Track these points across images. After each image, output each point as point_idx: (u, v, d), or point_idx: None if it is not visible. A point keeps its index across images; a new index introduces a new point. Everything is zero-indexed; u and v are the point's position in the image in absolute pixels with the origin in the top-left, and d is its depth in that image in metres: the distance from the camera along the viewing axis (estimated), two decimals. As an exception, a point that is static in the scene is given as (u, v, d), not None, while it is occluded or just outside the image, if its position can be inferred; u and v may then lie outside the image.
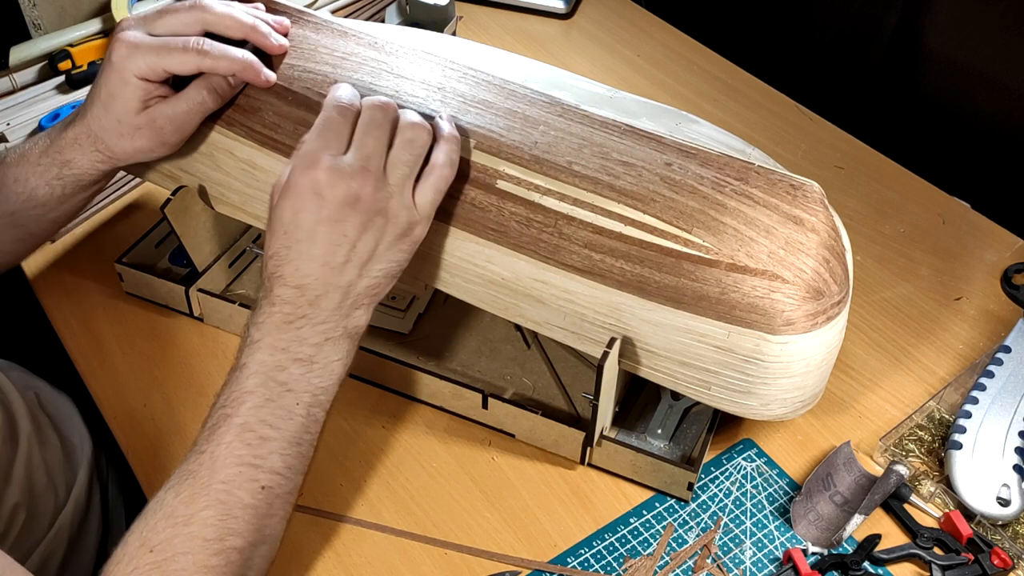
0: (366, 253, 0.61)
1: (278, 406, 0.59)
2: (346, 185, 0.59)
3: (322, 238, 0.60)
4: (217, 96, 0.69)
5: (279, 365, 0.60)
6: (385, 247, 0.62)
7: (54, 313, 0.84)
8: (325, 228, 0.60)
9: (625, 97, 0.77)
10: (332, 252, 0.60)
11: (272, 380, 0.59)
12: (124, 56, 0.66)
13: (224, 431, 0.58)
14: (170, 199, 0.75)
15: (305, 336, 0.60)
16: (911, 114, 1.10)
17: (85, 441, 0.83)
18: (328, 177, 0.59)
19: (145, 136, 0.69)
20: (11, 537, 0.71)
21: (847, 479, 0.71)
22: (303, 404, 0.60)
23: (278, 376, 0.60)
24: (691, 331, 0.64)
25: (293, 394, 0.60)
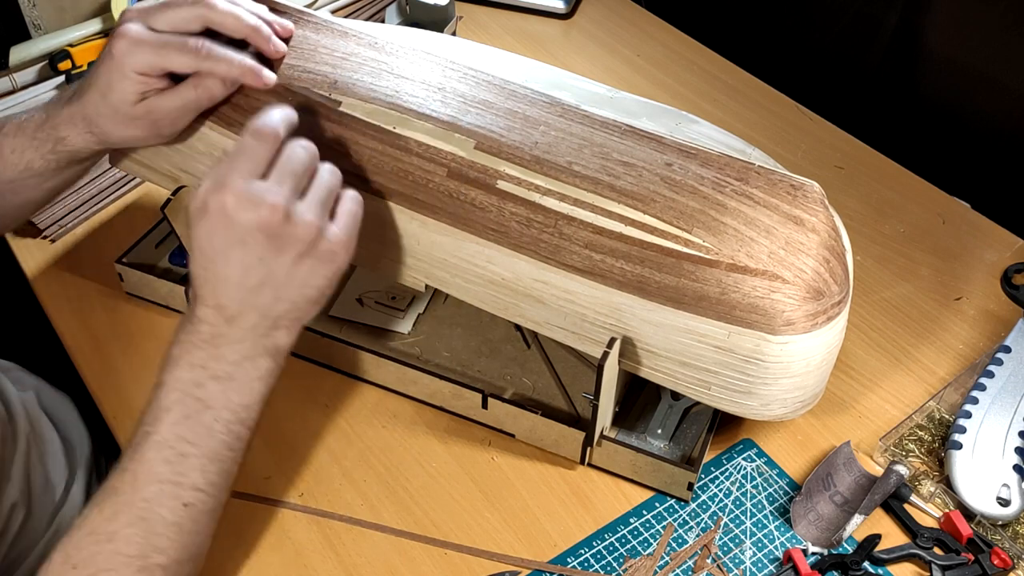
0: (282, 276, 0.60)
1: (196, 423, 0.59)
2: (256, 210, 0.58)
3: (235, 260, 0.59)
4: (212, 94, 0.69)
5: (197, 382, 0.59)
6: (304, 273, 0.61)
7: (54, 313, 0.84)
8: (237, 251, 0.59)
9: (625, 97, 0.77)
10: (246, 274, 0.59)
11: (190, 396, 0.59)
12: (124, 52, 0.66)
13: (145, 448, 0.59)
14: (170, 199, 0.75)
15: (224, 354, 0.60)
16: (911, 114, 1.10)
17: (84, 441, 0.83)
18: (237, 201, 0.58)
19: (140, 126, 0.69)
20: (10, 535, 0.71)
21: (847, 479, 0.71)
22: (222, 421, 0.60)
23: (196, 392, 0.59)
24: (691, 331, 0.64)
25: (212, 411, 0.60)
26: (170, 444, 0.59)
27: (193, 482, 0.59)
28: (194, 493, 0.59)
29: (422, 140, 0.68)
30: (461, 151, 0.67)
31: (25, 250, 0.89)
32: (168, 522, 0.58)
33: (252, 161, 0.59)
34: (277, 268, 0.60)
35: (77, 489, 0.79)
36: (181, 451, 0.59)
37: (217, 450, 0.60)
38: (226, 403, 0.60)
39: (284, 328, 0.62)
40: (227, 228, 0.58)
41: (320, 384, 0.78)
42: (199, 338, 0.60)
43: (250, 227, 0.58)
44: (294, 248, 0.59)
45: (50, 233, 0.89)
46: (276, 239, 0.59)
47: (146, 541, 0.57)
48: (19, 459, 0.74)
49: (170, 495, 0.58)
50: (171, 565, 0.58)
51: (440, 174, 0.67)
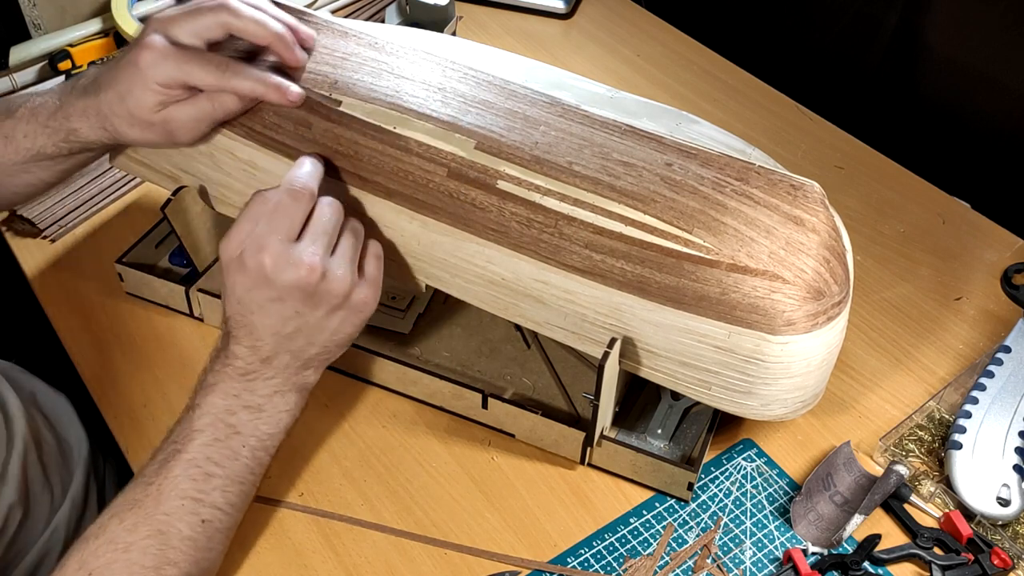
0: (315, 326, 0.64)
1: (225, 446, 0.63)
2: (296, 272, 0.61)
3: (273, 313, 0.63)
4: (229, 108, 0.69)
5: (230, 409, 0.64)
6: (336, 322, 0.65)
7: (54, 313, 0.84)
8: (276, 307, 0.63)
9: (625, 97, 0.77)
10: (283, 324, 0.63)
11: (222, 422, 0.63)
12: (149, 64, 0.66)
13: (172, 465, 0.62)
14: (170, 199, 0.75)
15: (256, 388, 0.64)
16: (911, 114, 1.10)
17: (82, 441, 0.83)
18: (276, 263, 0.61)
19: (155, 133, 0.70)
20: (7, 536, 0.71)
21: (847, 479, 0.71)
22: (249, 447, 0.64)
23: (228, 419, 0.63)
24: (692, 331, 0.64)
25: (240, 436, 0.64)
26: (197, 463, 0.62)
27: (213, 501, 0.62)
28: (213, 511, 0.62)
29: (422, 140, 0.68)
30: (461, 151, 0.67)
31: (25, 250, 0.89)
32: (184, 536, 0.61)
33: (289, 221, 0.62)
34: (312, 320, 0.64)
35: (75, 490, 0.79)
36: (207, 471, 0.62)
37: (240, 473, 0.64)
38: (254, 431, 0.64)
39: (313, 368, 0.67)
40: (266, 286, 0.62)
41: (320, 384, 0.77)
42: (234, 371, 0.64)
43: (288, 286, 0.62)
44: (328, 303, 0.63)
45: (50, 233, 0.89)
46: (312, 296, 0.63)
47: (161, 554, 0.59)
48: (16, 459, 0.74)
49: (190, 511, 0.61)
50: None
51: (440, 174, 0.67)
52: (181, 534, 0.60)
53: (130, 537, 0.59)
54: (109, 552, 0.58)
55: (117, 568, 0.58)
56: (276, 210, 0.62)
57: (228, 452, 0.63)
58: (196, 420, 0.63)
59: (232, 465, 0.63)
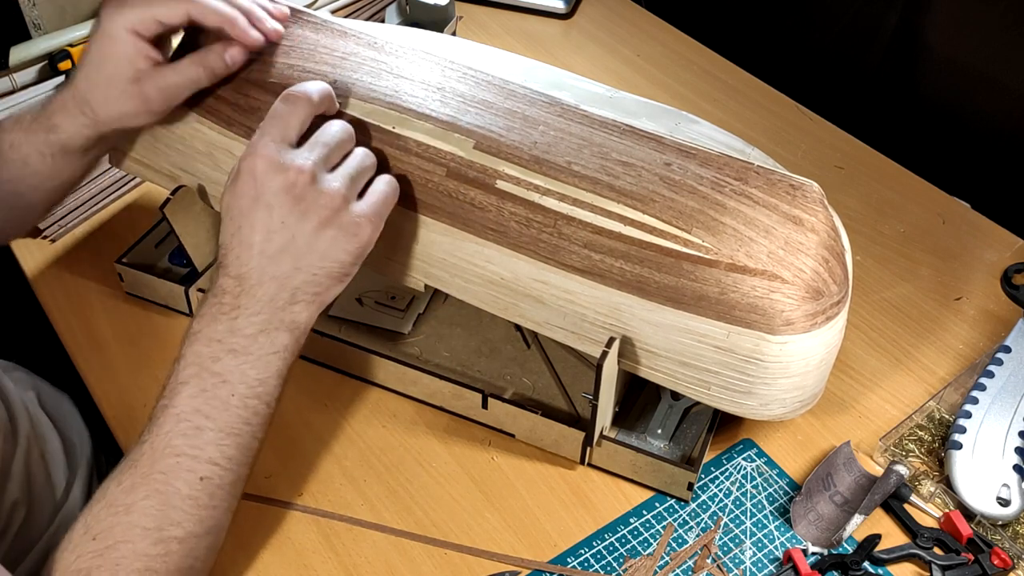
0: (302, 243, 0.60)
1: (212, 396, 0.60)
2: (284, 172, 0.59)
3: (259, 223, 0.60)
4: (212, 73, 0.69)
5: (214, 356, 0.60)
6: (325, 243, 0.61)
7: (54, 313, 0.84)
8: (261, 213, 0.60)
9: (625, 97, 0.77)
10: (268, 239, 0.60)
11: (206, 371, 0.60)
12: (113, 11, 0.66)
13: (162, 421, 0.59)
14: (170, 199, 0.75)
15: (240, 327, 0.61)
16: (911, 114, 1.10)
17: (85, 440, 0.83)
18: (265, 163, 0.59)
19: (132, 101, 0.69)
20: (11, 533, 0.71)
21: (847, 479, 0.71)
22: (238, 395, 0.60)
23: (212, 367, 0.60)
24: (691, 331, 0.64)
25: (228, 385, 0.60)
26: (186, 417, 0.59)
27: (209, 456, 0.59)
28: (210, 467, 0.59)
29: (421, 140, 0.68)
30: (460, 151, 0.67)
31: (25, 250, 0.89)
32: (184, 495, 0.58)
33: (282, 124, 0.60)
34: (299, 234, 0.60)
35: (78, 488, 0.79)
36: (197, 424, 0.59)
37: (233, 424, 0.60)
38: (242, 377, 0.60)
39: (302, 302, 0.62)
40: (254, 190, 0.60)
41: (320, 384, 0.78)
42: (219, 310, 0.61)
43: (275, 189, 0.59)
44: (316, 214, 0.60)
45: (50, 233, 0.90)
46: (300, 202, 0.59)
47: (162, 514, 0.58)
48: (20, 457, 0.74)
49: (186, 468, 0.59)
50: (187, 538, 0.59)
51: (439, 174, 0.67)
52: (180, 493, 0.58)
53: (128, 498, 0.58)
54: (110, 515, 0.57)
55: (119, 531, 0.57)
56: (272, 115, 0.61)
57: (217, 402, 0.60)
58: (181, 371, 0.60)
59: (223, 416, 0.60)
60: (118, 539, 0.57)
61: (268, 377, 0.62)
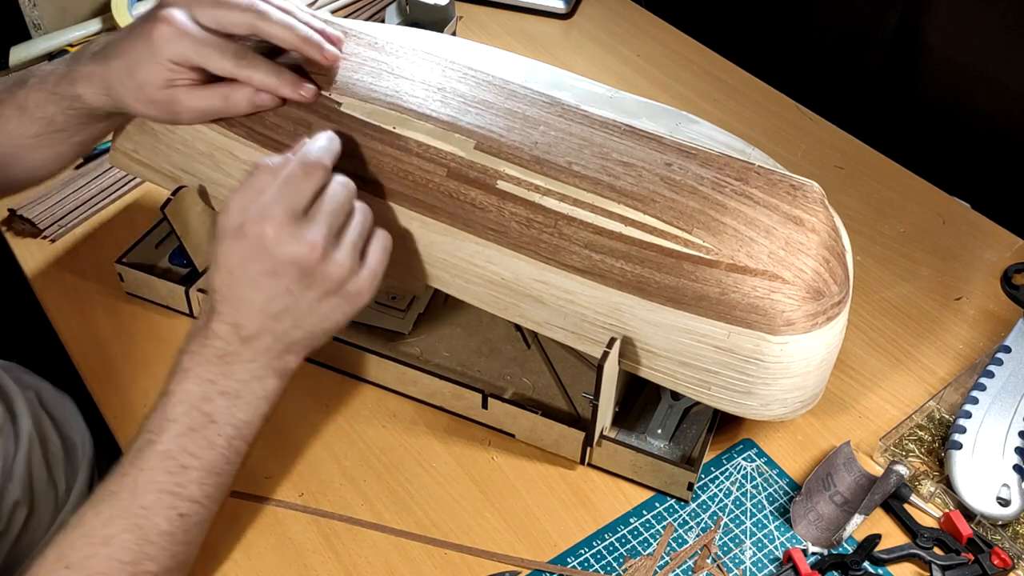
0: (305, 308, 0.61)
1: (200, 436, 0.61)
2: (297, 247, 0.59)
3: (263, 287, 0.60)
4: (239, 110, 0.68)
5: (205, 396, 0.61)
6: (327, 308, 0.62)
7: (54, 313, 0.84)
8: (269, 281, 0.60)
9: (625, 97, 0.77)
10: (271, 302, 0.60)
11: (196, 410, 0.60)
12: (164, 38, 0.65)
13: (147, 456, 0.60)
14: (170, 199, 0.75)
15: (234, 372, 0.61)
16: (911, 114, 1.10)
17: (86, 441, 0.83)
18: (279, 235, 0.59)
19: (158, 109, 0.68)
20: (12, 534, 0.71)
21: (847, 479, 0.71)
22: (224, 436, 0.61)
23: (203, 407, 0.61)
24: (691, 331, 0.64)
25: (216, 425, 0.61)
26: (173, 455, 0.60)
27: (191, 494, 0.60)
28: (190, 504, 0.61)
29: (422, 140, 0.68)
30: (461, 151, 0.67)
31: (25, 250, 0.89)
32: (162, 531, 0.59)
33: (299, 194, 0.59)
34: (303, 301, 0.61)
35: (79, 489, 0.79)
36: (183, 463, 0.60)
37: (217, 463, 0.61)
38: (230, 419, 0.61)
39: (295, 353, 0.63)
40: (262, 257, 0.59)
41: (320, 384, 0.78)
42: (212, 352, 0.61)
43: (286, 261, 0.59)
44: (323, 286, 0.61)
45: (50, 233, 0.89)
46: (308, 276, 0.60)
47: (140, 549, 0.58)
48: (22, 458, 0.74)
49: (167, 505, 0.60)
50: (160, 573, 0.60)
51: (440, 174, 0.67)
52: (159, 528, 0.59)
53: (107, 531, 0.58)
54: (87, 546, 0.57)
55: (95, 563, 0.57)
56: (286, 181, 0.59)
57: (204, 442, 0.61)
58: (170, 408, 0.60)
59: (208, 455, 0.61)
60: (94, 571, 0.57)
61: (254, 420, 0.63)
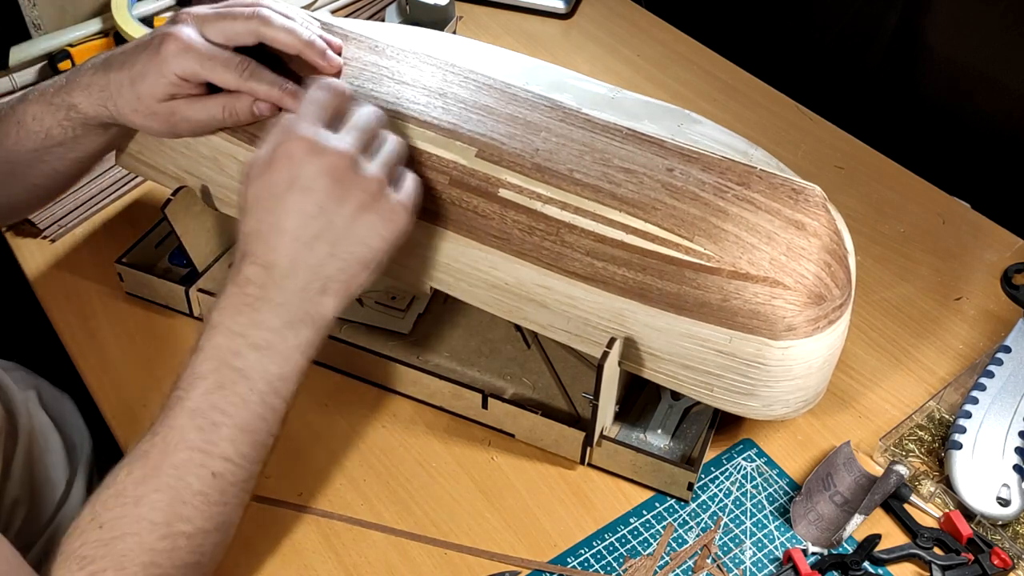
0: (340, 228, 0.59)
1: (231, 392, 0.58)
2: (324, 155, 0.58)
3: (295, 209, 0.58)
4: (239, 118, 0.69)
5: (235, 351, 0.59)
6: (364, 228, 0.60)
7: (54, 313, 0.84)
8: (298, 198, 0.58)
9: (627, 97, 0.76)
10: (303, 225, 0.58)
11: (226, 366, 0.58)
12: (172, 54, 0.65)
13: (176, 414, 0.58)
14: (170, 199, 0.75)
15: (265, 320, 0.59)
16: (911, 114, 1.10)
17: (85, 440, 0.83)
18: (304, 145, 0.58)
19: (157, 122, 0.69)
20: (11, 532, 0.71)
21: (847, 479, 0.71)
22: (257, 392, 0.59)
23: (233, 362, 0.58)
24: (693, 336, 0.64)
25: (248, 381, 0.59)
26: (203, 412, 0.58)
27: (223, 452, 0.58)
28: (224, 463, 0.58)
29: (424, 148, 0.68)
30: (463, 159, 0.67)
31: (25, 250, 0.89)
32: (195, 490, 0.57)
33: (319, 108, 0.59)
34: (336, 219, 0.59)
35: (78, 488, 0.79)
36: (213, 420, 0.58)
37: (250, 421, 0.59)
38: (263, 374, 0.59)
39: (332, 293, 0.60)
40: (291, 174, 0.58)
41: (320, 384, 0.78)
42: (242, 301, 0.59)
43: (314, 172, 0.58)
44: (356, 198, 0.59)
45: (50, 233, 0.89)
46: (340, 185, 0.58)
47: (171, 509, 0.56)
48: (20, 456, 0.74)
49: (199, 463, 0.57)
50: (196, 534, 0.58)
51: (442, 182, 0.67)
52: (191, 488, 0.57)
53: (138, 490, 0.56)
54: (119, 505, 0.56)
55: (127, 522, 0.56)
56: (308, 100, 0.60)
57: (236, 399, 0.58)
58: (199, 364, 0.58)
59: (241, 413, 0.58)
60: (125, 531, 0.55)
61: (289, 373, 0.60)
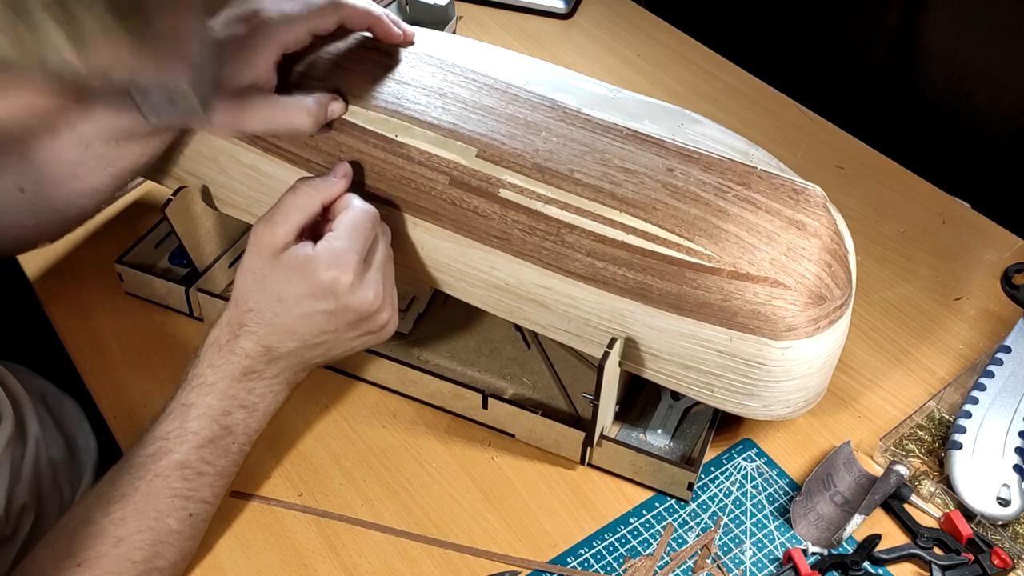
0: (343, 343, 0.65)
1: (217, 446, 0.64)
2: (364, 298, 0.62)
3: (314, 325, 0.63)
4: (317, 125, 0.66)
5: (226, 411, 0.64)
6: (359, 342, 0.66)
7: (54, 313, 0.84)
8: (321, 320, 0.63)
9: (628, 97, 0.76)
10: (316, 336, 0.63)
11: (216, 423, 0.63)
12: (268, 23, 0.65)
13: (164, 465, 0.62)
14: (170, 199, 0.75)
15: (255, 388, 0.64)
16: (911, 114, 1.10)
17: (91, 442, 0.83)
18: (352, 284, 0.61)
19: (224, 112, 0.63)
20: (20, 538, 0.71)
21: (847, 479, 0.71)
22: (238, 444, 0.65)
23: (222, 420, 0.64)
24: (694, 336, 0.64)
25: (232, 435, 0.64)
26: (191, 464, 0.63)
27: (203, 496, 0.64)
28: (201, 505, 0.64)
29: (424, 148, 0.68)
30: (463, 159, 0.67)
31: (25, 250, 0.89)
32: (173, 530, 0.62)
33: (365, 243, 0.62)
34: (343, 337, 0.65)
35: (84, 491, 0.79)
36: (199, 470, 0.63)
37: (228, 467, 0.65)
38: (246, 429, 0.65)
39: (310, 370, 0.67)
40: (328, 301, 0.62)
41: (320, 384, 0.78)
42: (237, 369, 0.63)
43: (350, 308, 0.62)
44: (368, 328, 0.65)
45: (50, 233, 0.89)
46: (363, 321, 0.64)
47: (151, 548, 0.60)
48: (28, 461, 0.74)
49: (179, 507, 0.62)
50: (168, 568, 0.62)
51: (442, 182, 0.67)
52: (170, 528, 0.61)
53: (119, 531, 0.60)
54: (99, 545, 0.59)
55: (108, 562, 0.59)
56: (357, 229, 0.62)
57: (219, 451, 0.64)
58: (192, 421, 0.63)
59: (221, 462, 0.64)
60: (107, 570, 0.59)
61: (263, 426, 0.67)
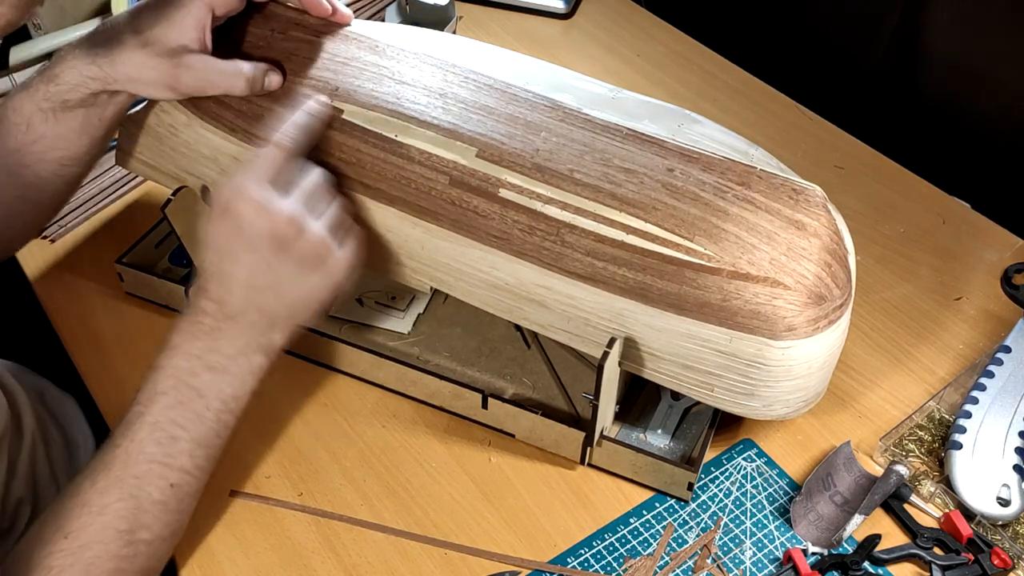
0: (287, 284, 0.63)
1: (188, 408, 0.62)
2: (271, 218, 0.61)
3: (245, 262, 0.62)
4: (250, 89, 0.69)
5: (192, 371, 0.63)
6: (308, 285, 0.64)
7: (54, 313, 0.84)
8: (248, 255, 0.62)
9: (628, 97, 0.76)
10: (253, 276, 0.62)
11: (184, 384, 0.62)
12: None
13: (137, 428, 0.62)
14: (171, 199, 0.75)
15: (220, 347, 0.63)
16: (911, 114, 1.10)
17: (88, 440, 0.83)
18: (253, 207, 0.61)
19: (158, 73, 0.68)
20: (17, 531, 0.72)
21: (847, 479, 0.71)
22: (213, 409, 0.63)
23: (191, 381, 0.62)
24: (694, 336, 0.64)
25: (204, 399, 0.63)
26: (162, 427, 0.62)
27: (181, 464, 0.62)
28: (181, 475, 0.62)
29: (424, 148, 0.68)
30: (463, 159, 0.67)
31: (25, 250, 0.89)
32: (155, 500, 0.61)
33: (270, 167, 0.62)
34: (283, 275, 0.63)
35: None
36: (172, 434, 0.62)
37: (206, 436, 0.63)
38: (218, 393, 0.63)
39: (279, 329, 0.65)
40: (240, 232, 0.61)
41: (320, 384, 0.78)
42: (199, 329, 0.63)
43: (262, 234, 0.61)
44: (299, 258, 0.62)
45: (50, 233, 0.90)
46: (284, 248, 0.62)
47: (134, 517, 0.60)
48: (25, 456, 0.74)
49: (159, 475, 0.61)
50: (154, 541, 0.62)
51: (442, 182, 0.67)
52: (151, 498, 0.61)
53: (103, 500, 0.60)
54: (84, 515, 0.59)
55: (93, 531, 0.59)
56: (261, 157, 0.62)
57: (192, 415, 0.62)
58: (159, 382, 0.62)
59: (197, 428, 0.63)
60: (92, 539, 0.59)
61: (242, 395, 0.65)
